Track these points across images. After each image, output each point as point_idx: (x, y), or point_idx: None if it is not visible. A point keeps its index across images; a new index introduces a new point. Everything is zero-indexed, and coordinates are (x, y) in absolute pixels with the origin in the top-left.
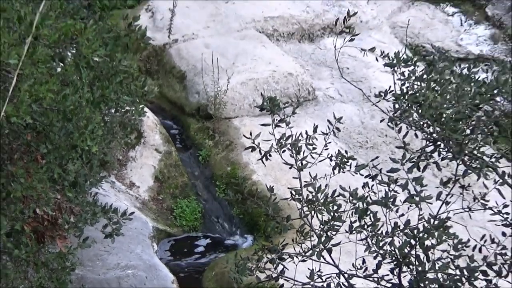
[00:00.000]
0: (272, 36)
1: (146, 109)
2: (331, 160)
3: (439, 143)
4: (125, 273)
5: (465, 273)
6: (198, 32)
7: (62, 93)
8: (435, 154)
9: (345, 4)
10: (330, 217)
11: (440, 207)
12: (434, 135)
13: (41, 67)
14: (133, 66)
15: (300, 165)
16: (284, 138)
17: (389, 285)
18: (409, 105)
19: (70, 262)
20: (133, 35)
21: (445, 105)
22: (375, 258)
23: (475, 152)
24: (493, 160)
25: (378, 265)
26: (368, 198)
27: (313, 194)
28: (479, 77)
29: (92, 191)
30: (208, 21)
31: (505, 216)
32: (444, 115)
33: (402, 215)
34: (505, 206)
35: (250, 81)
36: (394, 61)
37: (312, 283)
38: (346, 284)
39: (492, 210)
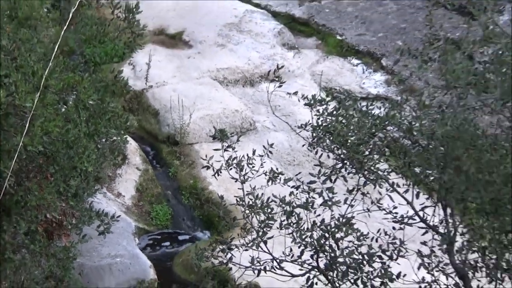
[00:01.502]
0: (223, 82)
1: (128, 138)
2: (266, 175)
3: (345, 161)
4: (114, 260)
5: (366, 257)
6: (168, 80)
7: (65, 128)
8: (343, 170)
9: (276, 58)
10: (266, 217)
11: (347, 209)
12: (342, 156)
13: (50, 108)
14: (118, 107)
15: (243, 179)
16: (231, 159)
17: (310, 267)
18: (323, 133)
19: (73, 253)
20: (118, 83)
21: (349, 134)
22: (299, 247)
23: (372, 168)
24: (385, 173)
25: (302, 253)
26: (293, 203)
27: (253, 200)
28: (375, 112)
29: (88, 200)
30: (175, 72)
31: (395, 214)
32: (349, 141)
33: (319, 215)
34: (395, 207)
35: (207, 116)
36: (312, 101)
37: (252, 266)
38: (278, 267)
39: (385, 211)
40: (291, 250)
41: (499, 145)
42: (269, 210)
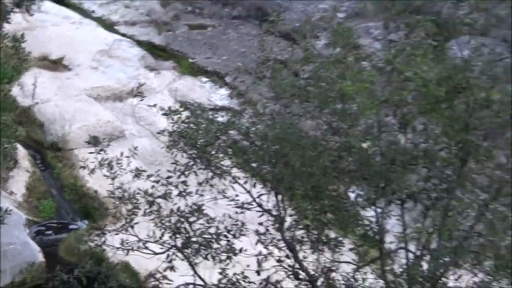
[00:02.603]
0: (97, 99)
1: (18, 146)
2: (132, 172)
3: (196, 160)
4: (8, 247)
5: (214, 236)
6: (51, 97)
7: None
8: (194, 167)
9: (140, 78)
10: (132, 207)
11: (198, 198)
12: (193, 155)
13: None
14: (9, 120)
15: (113, 176)
16: (103, 160)
17: (169, 246)
18: (178, 138)
19: None
20: (8, 100)
21: (199, 137)
22: (160, 230)
23: (218, 164)
24: (229, 168)
25: (162, 234)
26: (155, 194)
27: (122, 193)
28: (219, 120)
29: None
30: (57, 91)
31: (237, 201)
32: (199, 143)
33: (175, 203)
34: (237, 195)
35: (84, 126)
36: (168, 112)
37: (122, 247)
38: (143, 247)
39: (229, 199)
40: (153, 232)
41: (318, 143)
42: (135, 201)
